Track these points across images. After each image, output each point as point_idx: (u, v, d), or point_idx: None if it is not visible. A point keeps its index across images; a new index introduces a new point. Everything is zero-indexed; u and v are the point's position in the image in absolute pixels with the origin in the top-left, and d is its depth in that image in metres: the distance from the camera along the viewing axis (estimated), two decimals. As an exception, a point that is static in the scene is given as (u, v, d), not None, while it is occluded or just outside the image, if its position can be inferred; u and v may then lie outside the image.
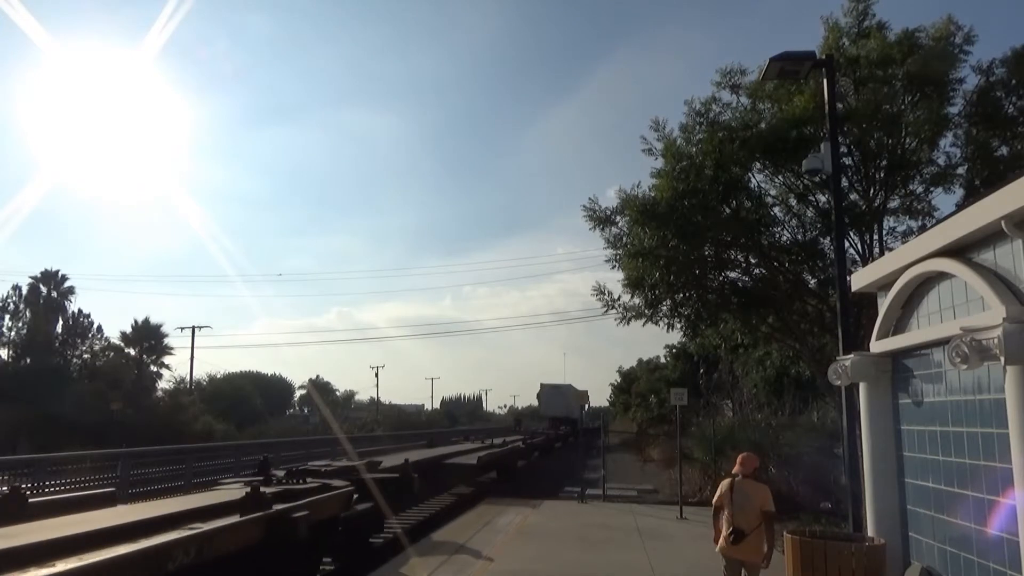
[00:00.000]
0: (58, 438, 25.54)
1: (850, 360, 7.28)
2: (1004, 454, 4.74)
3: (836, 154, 9.71)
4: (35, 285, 43.73)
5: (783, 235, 14.16)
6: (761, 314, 15.19)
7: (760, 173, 14.03)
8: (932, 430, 6.09)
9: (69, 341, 43.29)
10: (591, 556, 9.47)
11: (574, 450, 37.10)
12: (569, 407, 45.61)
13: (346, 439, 23.73)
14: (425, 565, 8.64)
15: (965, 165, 12.88)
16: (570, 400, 44.29)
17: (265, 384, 71.40)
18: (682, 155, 13.53)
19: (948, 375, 5.80)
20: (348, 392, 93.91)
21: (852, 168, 13.15)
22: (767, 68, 9.90)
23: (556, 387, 53.42)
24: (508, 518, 12.52)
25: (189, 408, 38.84)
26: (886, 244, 12.78)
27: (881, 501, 6.95)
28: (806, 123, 12.57)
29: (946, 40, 12.31)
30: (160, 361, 46.47)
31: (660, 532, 11.36)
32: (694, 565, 9.15)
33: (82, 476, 14.14)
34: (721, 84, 13.84)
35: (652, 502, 15.44)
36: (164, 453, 17.20)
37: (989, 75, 12.65)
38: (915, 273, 6.20)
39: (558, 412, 50.31)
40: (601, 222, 14.54)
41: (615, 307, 14.98)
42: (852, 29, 13.02)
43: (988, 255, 5.10)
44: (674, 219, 13.14)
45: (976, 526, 5.28)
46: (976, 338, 4.63)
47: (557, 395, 51.05)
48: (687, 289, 14.50)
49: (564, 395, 48.98)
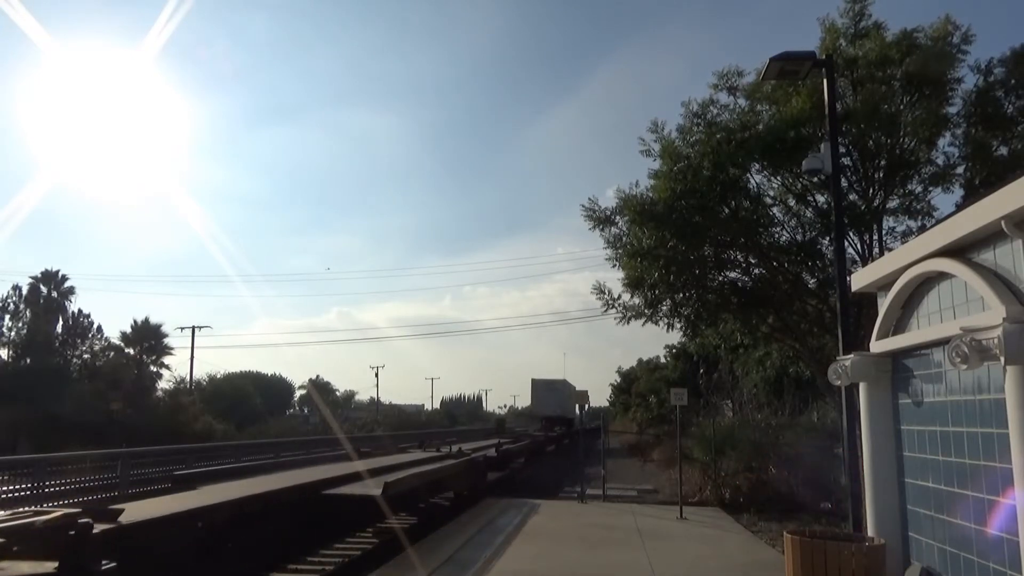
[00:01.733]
0: (58, 438, 25.51)
1: (850, 360, 7.29)
2: (1004, 454, 4.75)
3: (836, 154, 9.71)
4: (35, 285, 43.71)
5: (782, 235, 14.20)
6: (761, 314, 15.22)
7: (759, 174, 14.06)
8: (932, 430, 6.09)
9: (69, 341, 43.26)
10: (591, 556, 9.48)
11: (568, 455, 33.00)
12: (565, 405, 42.22)
13: (346, 439, 23.68)
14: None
15: (964, 165, 12.91)
16: (566, 398, 40.98)
17: (265, 384, 71.44)
18: (680, 156, 13.55)
19: (948, 375, 5.81)
20: (348, 392, 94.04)
21: (851, 168, 13.18)
22: (767, 68, 9.90)
23: (550, 383, 47.09)
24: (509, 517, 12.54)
25: (189, 408, 38.83)
26: (885, 244, 12.81)
27: (881, 501, 6.95)
28: (804, 124, 12.58)
29: (944, 40, 12.33)
30: (160, 361, 46.53)
31: (660, 532, 11.36)
32: (694, 565, 9.15)
33: (82, 476, 14.16)
34: (718, 86, 13.89)
35: (652, 502, 15.44)
36: (164, 453, 17.21)
37: (988, 75, 12.67)
38: (915, 273, 6.20)
39: (552, 411, 44.94)
40: (601, 222, 14.56)
41: (615, 306, 15.01)
42: (849, 30, 13.05)
43: (988, 255, 5.10)
44: (672, 219, 13.16)
45: (976, 526, 5.28)
46: (976, 338, 4.64)
47: (551, 392, 45.36)
48: (687, 289, 14.52)
49: (559, 392, 44.51)
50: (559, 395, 43.96)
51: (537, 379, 47.64)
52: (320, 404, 66.35)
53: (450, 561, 8.98)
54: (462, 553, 9.48)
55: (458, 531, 11.21)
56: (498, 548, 9.81)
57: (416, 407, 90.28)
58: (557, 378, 48.91)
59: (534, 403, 48.12)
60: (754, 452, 14.99)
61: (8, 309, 42.80)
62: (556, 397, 44.12)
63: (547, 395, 45.54)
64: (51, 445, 21.57)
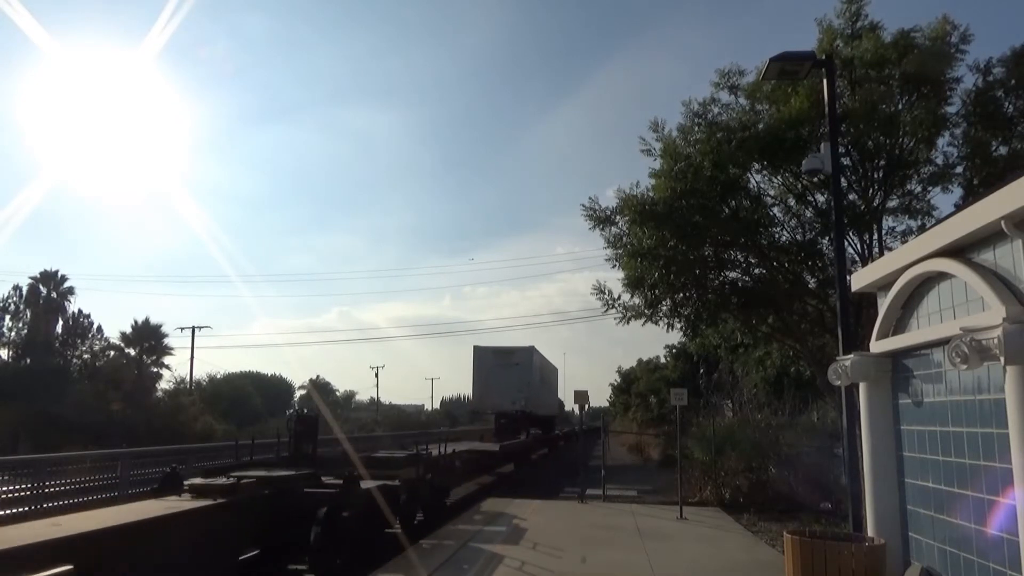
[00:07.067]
0: (58, 438, 25.52)
1: (850, 360, 7.29)
2: (1004, 454, 4.75)
3: (836, 154, 9.72)
4: (35, 285, 43.69)
5: (782, 235, 14.21)
6: (761, 314, 15.23)
7: (759, 173, 14.07)
8: (932, 430, 6.09)
9: (69, 341, 43.28)
10: (591, 556, 9.48)
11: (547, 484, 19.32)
12: (535, 391, 27.87)
13: (346, 439, 23.58)
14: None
15: (963, 165, 12.91)
16: (536, 380, 27.98)
17: (265, 384, 71.40)
18: (680, 155, 13.56)
19: (948, 375, 5.81)
20: (348, 392, 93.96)
21: (850, 168, 13.18)
22: (767, 68, 9.90)
23: (504, 353, 28.03)
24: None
25: (189, 408, 38.83)
26: (885, 244, 12.82)
27: (881, 501, 6.96)
28: (803, 124, 12.59)
29: (942, 40, 12.32)
30: (160, 361, 46.52)
31: (660, 532, 11.37)
32: (694, 565, 9.15)
33: (82, 476, 14.16)
34: (719, 85, 13.88)
35: (652, 502, 15.44)
36: (164, 453, 17.20)
37: (987, 75, 12.67)
38: (915, 273, 6.21)
39: (511, 401, 26.86)
40: (601, 222, 14.56)
41: (615, 306, 15.01)
42: (846, 30, 13.04)
43: (988, 255, 5.11)
44: (673, 219, 13.17)
45: (976, 526, 5.28)
46: (976, 338, 4.64)
47: (506, 369, 27.28)
48: (687, 289, 14.53)
49: (523, 369, 27.38)
50: (523, 374, 27.53)
51: (483, 347, 28.43)
52: (320, 404, 66.31)
53: (449, 562, 8.98)
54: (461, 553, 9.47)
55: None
56: (498, 548, 9.82)
57: (416, 407, 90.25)
58: (521, 345, 29.33)
59: (478, 388, 28.22)
60: (754, 452, 14.99)
61: (8, 309, 42.84)
62: (516, 377, 27.31)
63: (500, 374, 27.32)
64: (51, 445, 21.58)
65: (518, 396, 27.01)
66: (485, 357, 27.89)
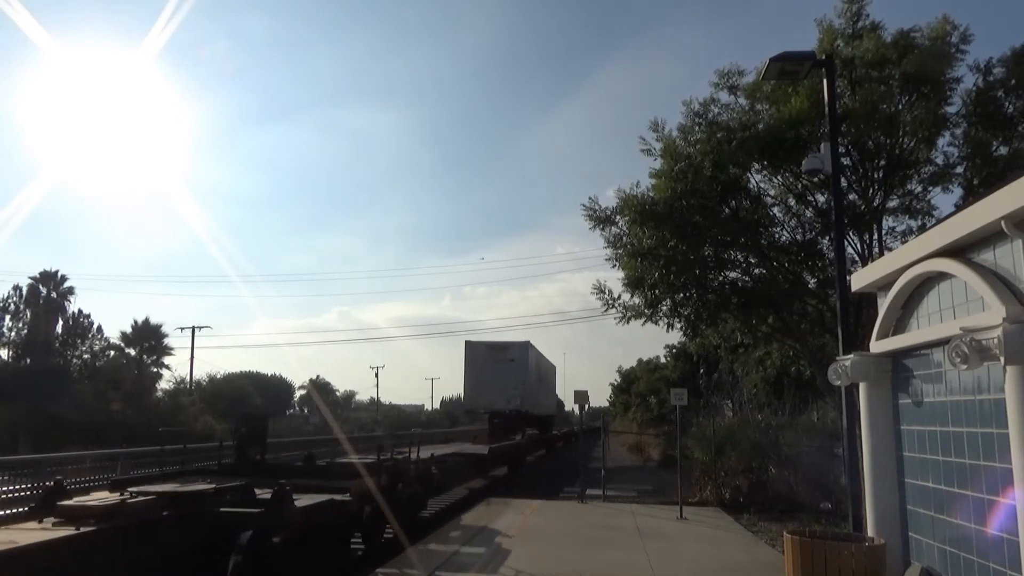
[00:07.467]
0: (58, 438, 25.51)
1: (850, 360, 7.29)
2: (1004, 454, 4.75)
3: (836, 154, 9.72)
4: (35, 285, 43.70)
5: (782, 235, 14.22)
6: (761, 314, 15.23)
7: (759, 173, 14.07)
8: (932, 430, 6.09)
9: (69, 341, 43.29)
10: (592, 556, 9.48)
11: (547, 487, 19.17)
12: (531, 390, 26.74)
13: (346, 438, 23.57)
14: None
15: (963, 165, 12.91)
16: (534, 378, 26.98)
17: (265, 384, 71.55)
18: (680, 155, 13.56)
19: (948, 375, 5.81)
20: (348, 392, 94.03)
21: (850, 168, 13.18)
22: (767, 68, 9.90)
23: (498, 349, 26.85)
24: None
25: (189, 408, 38.85)
26: (885, 244, 12.82)
27: (881, 501, 6.96)
28: (803, 124, 12.59)
29: (942, 40, 12.33)
30: (160, 361, 46.55)
31: (660, 532, 11.37)
32: (694, 565, 9.15)
33: (82, 476, 14.17)
34: (719, 85, 13.89)
35: (652, 502, 15.44)
36: (164, 453, 17.16)
37: (987, 75, 12.67)
38: (915, 273, 6.21)
39: (505, 400, 25.71)
40: (601, 222, 14.56)
41: (615, 306, 15.01)
42: (846, 30, 13.04)
43: (988, 255, 5.11)
44: (673, 219, 13.17)
45: (976, 526, 5.28)
46: (976, 338, 4.64)
47: (499, 365, 26.15)
48: (687, 289, 14.53)
49: (518, 366, 26.25)
50: (518, 370, 26.36)
51: (475, 342, 27.25)
52: (320, 404, 66.37)
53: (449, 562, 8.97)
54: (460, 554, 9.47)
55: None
56: (498, 548, 9.82)
57: (416, 407, 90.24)
58: (516, 340, 28.18)
59: (470, 386, 27.20)
60: (754, 452, 14.98)
61: (8, 309, 42.85)
62: (511, 374, 26.16)
63: (493, 371, 26.11)
64: (51, 445, 21.57)
65: (513, 394, 25.72)
66: (477, 352, 26.62)
